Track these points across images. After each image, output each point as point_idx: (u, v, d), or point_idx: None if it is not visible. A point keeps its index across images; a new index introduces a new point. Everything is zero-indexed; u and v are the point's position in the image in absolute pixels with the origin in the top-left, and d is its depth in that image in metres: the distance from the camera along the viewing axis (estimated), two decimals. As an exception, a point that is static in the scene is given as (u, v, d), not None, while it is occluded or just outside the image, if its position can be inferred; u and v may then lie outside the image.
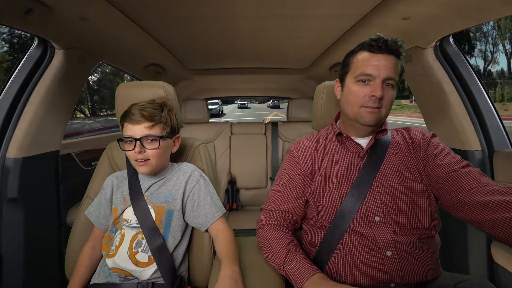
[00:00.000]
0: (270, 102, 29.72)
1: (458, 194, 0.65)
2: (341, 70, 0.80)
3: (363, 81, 0.72)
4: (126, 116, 0.80)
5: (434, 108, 1.25)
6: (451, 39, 1.16)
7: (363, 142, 0.79)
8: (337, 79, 0.83)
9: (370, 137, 0.79)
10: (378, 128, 0.78)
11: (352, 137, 0.80)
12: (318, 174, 0.79)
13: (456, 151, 0.99)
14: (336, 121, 0.88)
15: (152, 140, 0.80)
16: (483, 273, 1.10)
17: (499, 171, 1.08)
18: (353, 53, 0.77)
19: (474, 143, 1.13)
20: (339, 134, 0.82)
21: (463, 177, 0.66)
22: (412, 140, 0.78)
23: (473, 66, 1.18)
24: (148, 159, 0.80)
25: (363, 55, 0.73)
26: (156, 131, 0.81)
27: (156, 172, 0.87)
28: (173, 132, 0.87)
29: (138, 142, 0.78)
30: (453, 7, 0.90)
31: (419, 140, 0.77)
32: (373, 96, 0.70)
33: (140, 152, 0.78)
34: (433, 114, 1.27)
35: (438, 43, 1.16)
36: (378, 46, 0.70)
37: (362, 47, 0.74)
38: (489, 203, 0.59)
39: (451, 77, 1.17)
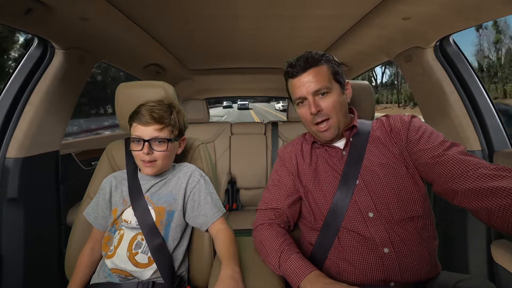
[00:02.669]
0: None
1: (448, 181, 0.64)
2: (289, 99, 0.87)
3: (301, 102, 0.79)
4: (135, 116, 0.81)
5: (434, 108, 1.25)
6: (451, 39, 1.16)
7: (340, 144, 0.83)
8: None
9: (344, 138, 0.81)
10: (346, 127, 0.81)
11: (326, 143, 0.83)
12: (306, 176, 0.82)
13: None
14: None
15: (160, 142, 0.80)
16: (483, 273, 1.10)
17: None
18: (286, 83, 0.83)
19: (474, 143, 1.13)
20: (314, 142, 0.85)
21: (449, 161, 0.65)
22: (391, 128, 0.79)
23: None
24: (155, 161, 0.80)
25: (290, 83, 0.81)
26: (165, 133, 0.81)
27: (159, 173, 0.87)
28: (180, 134, 0.87)
29: (146, 143, 0.78)
30: (453, 7, 0.90)
31: (398, 127, 0.78)
32: (311, 114, 0.76)
33: (148, 153, 0.79)
34: (433, 114, 1.27)
35: (438, 43, 1.16)
36: (293, 71, 0.77)
37: (286, 75, 0.81)
38: (482, 190, 0.58)
39: (451, 77, 1.17)
